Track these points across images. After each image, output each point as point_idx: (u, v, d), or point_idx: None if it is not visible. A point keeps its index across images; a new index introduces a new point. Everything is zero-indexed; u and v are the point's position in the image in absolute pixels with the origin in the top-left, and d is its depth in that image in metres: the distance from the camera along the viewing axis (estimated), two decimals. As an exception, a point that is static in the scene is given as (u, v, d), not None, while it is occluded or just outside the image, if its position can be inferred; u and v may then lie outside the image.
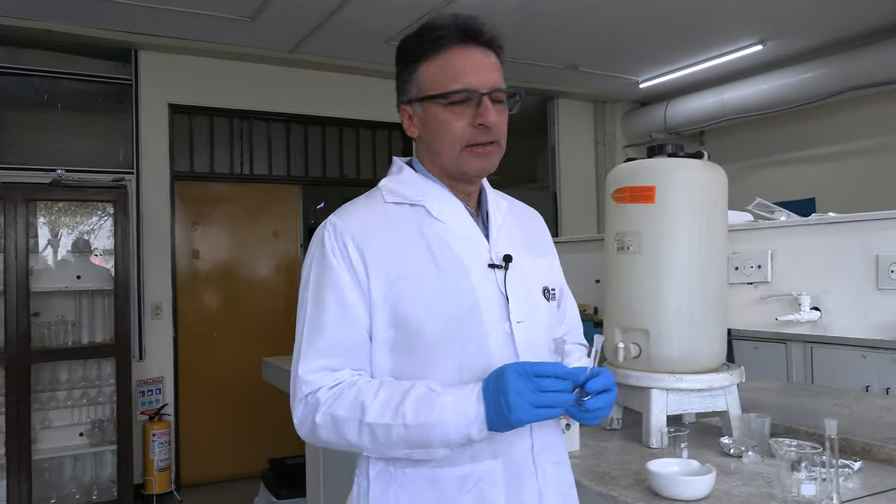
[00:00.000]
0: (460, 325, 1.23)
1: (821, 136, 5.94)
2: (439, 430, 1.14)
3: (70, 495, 4.54)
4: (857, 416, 2.26)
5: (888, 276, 1.67)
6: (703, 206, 1.89)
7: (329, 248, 1.25)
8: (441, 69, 1.25)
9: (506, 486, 1.23)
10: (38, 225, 4.51)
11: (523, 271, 1.32)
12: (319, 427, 1.20)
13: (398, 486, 1.23)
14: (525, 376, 1.11)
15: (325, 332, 1.23)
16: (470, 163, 1.27)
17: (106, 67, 5.21)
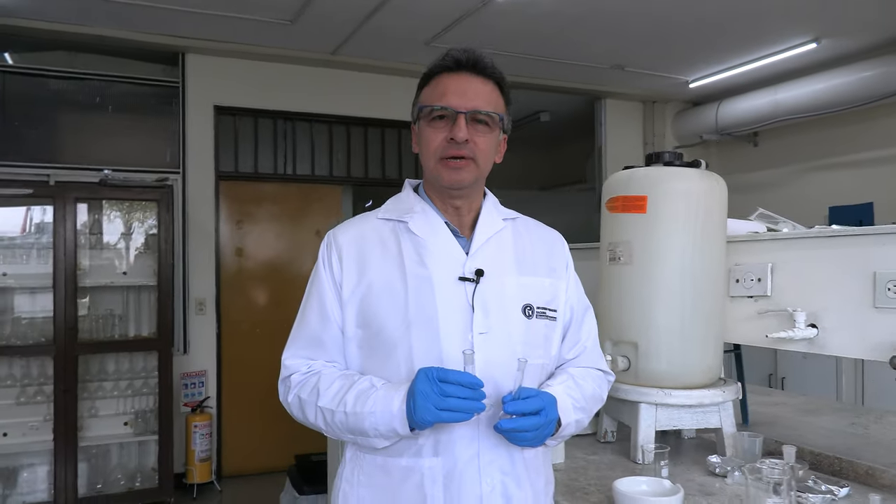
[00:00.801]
0: (417, 332, 1.34)
1: (879, 137, 5.66)
2: (370, 421, 1.29)
3: (115, 481, 4.73)
4: (871, 437, 2.16)
5: (885, 294, 1.58)
6: (697, 216, 1.83)
7: (321, 255, 1.45)
8: (431, 90, 1.41)
9: (445, 484, 1.32)
10: (88, 222, 4.71)
11: (501, 287, 1.40)
12: (291, 405, 1.40)
13: (360, 470, 1.40)
14: (431, 381, 1.23)
15: (306, 327, 1.43)
16: (442, 174, 1.39)
17: (155, 70, 5.40)
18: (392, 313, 1.35)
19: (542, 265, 1.48)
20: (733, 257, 1.97)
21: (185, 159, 5.32)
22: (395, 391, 1.29)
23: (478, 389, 1.23)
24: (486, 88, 1.40)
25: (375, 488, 1.37)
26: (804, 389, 4.86)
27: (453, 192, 1.42)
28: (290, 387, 1.40)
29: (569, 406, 1.38)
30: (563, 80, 6.33)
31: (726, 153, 7.09)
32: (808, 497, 1.54)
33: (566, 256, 1.55)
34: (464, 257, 1.39)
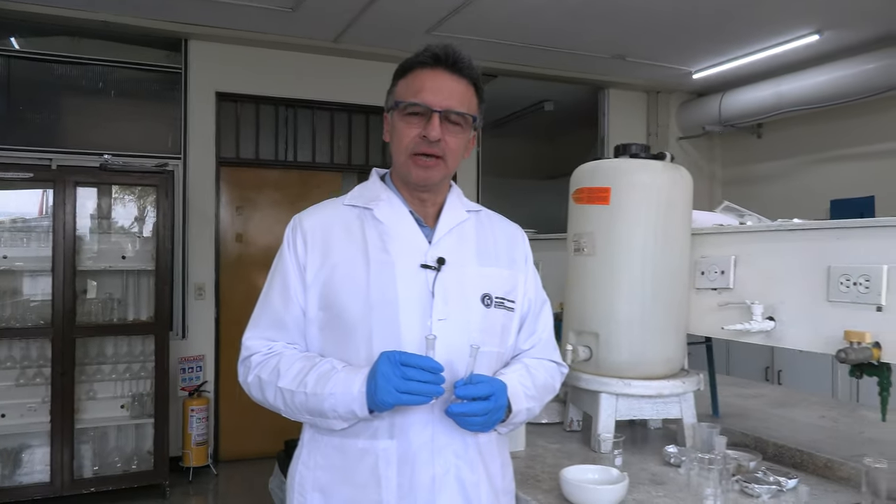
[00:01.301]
0: (377, 316, 1.37)
1: (882, 130, 5.60)
2: (330, 402, 1.31)
3: (112, 464, 4.81)
4: (838, 430, 2.17)
5: (838, 287, 1.59)
6: (659, 208, 1.84)
7: (286, 239, 1.47)
8: (408, 84, 1.43)
9: (399, 466, 1.36)
10: (88, 207, 4.77)
11: (462, 275, 1.43)
12: (250, 386, 1.42)
13: (317, 451, 1.42)
14: (393, 363, 1.26)
15: (268, 310, 1.45)
16: (414, 171, 1.42)
17: (158, 56, 5.45)
18: (353, 297, 1.38)
19: (502, 257, 1.52)
20: (699, 250, 1.97)
21: (187, 145, 5.37)
22: (355, 373, 1.31)
23: (438, 374, 1.27)
24: (462, 88, 1.42)
25: (331, 470, 1.40)
26: (800, 384, 4.85)
27: (420, 187, 1.45)
28: (250, 367, 1.42)
29: (520, 394, 1.41)
30: (565, 70, 6.31)
31: (730, 145, 7.04)
32: (753, 487, 1.56)
33: (526, 250, 1.59)
34: (426, 246, 1.43)
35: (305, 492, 1.42)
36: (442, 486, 1.36)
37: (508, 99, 7.16)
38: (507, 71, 6.26)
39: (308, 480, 1.42)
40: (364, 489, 1.36)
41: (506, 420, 1.39)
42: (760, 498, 1.55)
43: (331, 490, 1.39)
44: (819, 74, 5.54)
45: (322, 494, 1.40)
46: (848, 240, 1.60)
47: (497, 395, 1.33)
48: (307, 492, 1.42)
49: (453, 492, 1.37)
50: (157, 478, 4.73)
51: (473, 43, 5.54)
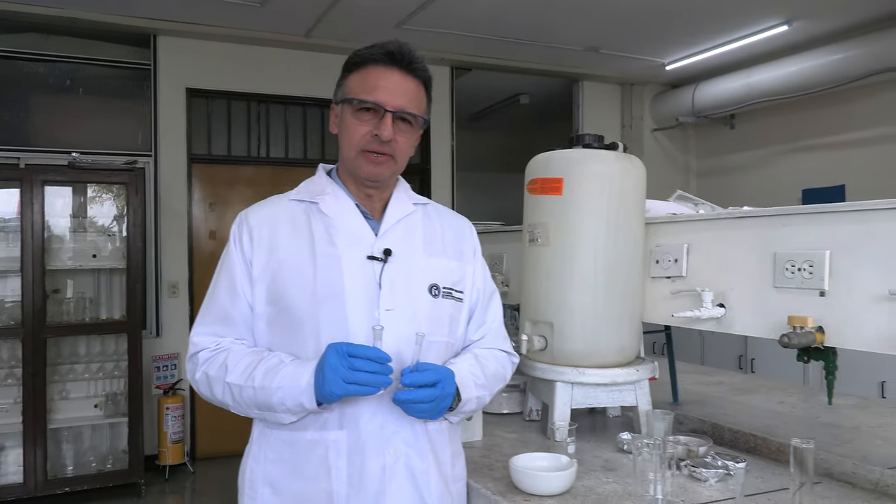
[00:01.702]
0: (324, 308, 1.37)
1: (852, 120, 5.66)
2: (278, 395, 1.32)
3: (87, 463, 4.78)
4: (796, 415, 2.20)
5: (783, 273, 1.61)
6: (611, 198, 1.85)
7: (232, 235, 1.47)
8: (361, 80, 1.42)
9: (349, 456, 1.36)
10: (57, 205, 4.72)
11: (409, 267, 1.45)
12: (199, 383, 1.42)
13: (267, 445, 1.43)
14: (340, 355, 1.27)
15: (215, 305, 1.45)
16: (362, 166, 1.43)
17: (126, 53, 5.39)
18: (300, 290, 1.38)
19: (450, 248, 1.53)
20: (654, 238, 1.99)
21: (157, 142, 5.33)
22: (303, 367, 1.32)
23: (385, 364, 1.28)
24: (414, 88, 1.43)
25: (281, 463, 1.40)
26: (773, 372, 4.90)
27: (368, 183, 1.46)
28: (198, 364, 1.42)
29: (469, 382, 1.42)
30: (539, 63, 6.32)
31: (703, 136, 7.09)
32: (702, 472, 1.58)
33: (474, 243, 1.60)
34: (373, 238, 1.44)
35: (256, 486, 1.42)
36: (392, 475, 1.37)
37: (483, 92, 7.16)
38: (481, 64, 6.26)
39: (258, 475, 1.42)
40: (314, 481, 1.36)
41: (455, 408, 1.41)
42: (708, 482, 1.57)
43: (281, 484, 1.39)
44: (789, 65, 5.59)
45: (272, 489, 1.40)
46: (793, 226, 1.62)
47: (444, 383, 1.34)
48: (257, 486, 1.42)
49: (403, 480, 1.39)
50: (132, 477, 4.71)
51: (445, 36, 5.54)
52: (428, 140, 6.27)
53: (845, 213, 1.51)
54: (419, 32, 5.41)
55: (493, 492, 1.52)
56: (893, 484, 1.58)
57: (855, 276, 1.47)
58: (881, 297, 1.41)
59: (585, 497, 1.49)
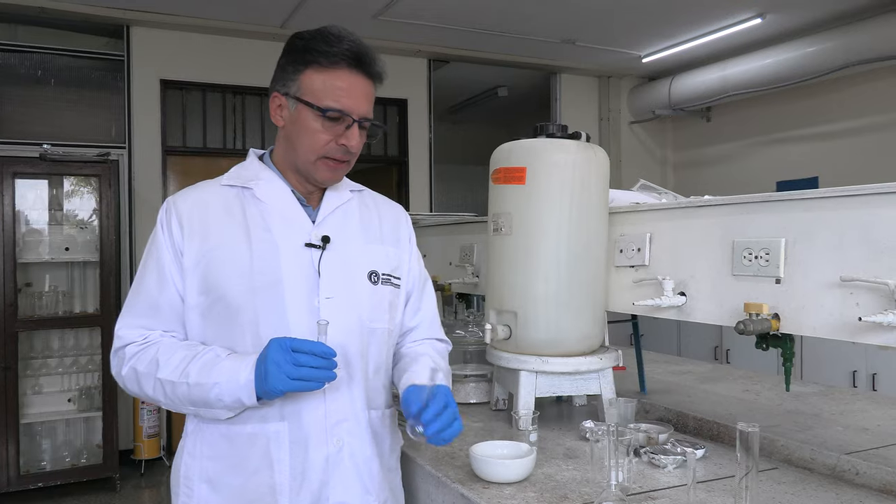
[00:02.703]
0: (262, 297, 1.34)
1: (825, 112, 5.72)
2: (215, 392, 1.28)
3: (61, 458, 4.75)
4: (759, 402, 2.22)
5: (741, 261, 1.62)
6: (573, 187, 1.86)
7: (160, 221, 1.42)
8: (324, 82, 1.36)
9: (291, 448, 1.34)
10: (28, 198, 4.67)
11: (347, 254, 1.43)
12: (125, 378, 1.37)
13: (202, 440, 1.39)
14: (284, 350, 1.23)
15: (143, 294, 1.39)
16: (322, 172, 1.41)
17: (99, 44, 5.33)
18: (236, 279, 1.34)
19: (387, 235, 1.53)
20: (618, 228, 1.99)
21: (131, 134, 5.28)
22: (241, 361, 1.28)
23: (330, 359, 1.25)
24: (373, 92, 1.42)
25: (219, 459, 1.36)
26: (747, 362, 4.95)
27: (320, 186, 1.45)
28: (125, 359, 1.36)
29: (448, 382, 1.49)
30: (517, 55, 6.32)
31: (680, 128, 7.13)
32: (661, 458, 1.59)
33: (410, 230, 1.61)
34: (310, 225, 1.42)
35: (192, 483, 1.38)
36: (335, 465, 1.36)
37: (461, 85, 7.15)
38: (458, 56, 6.25)
39: (194, 471, 1.38)
40: (256, 475, 1.34)
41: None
42: (666, 468, 1.58)
43: (220, 479, 1.36)
44: (763, 58, 5.63)
45: (210, 485, 1.36)
46: (750, 214, 1.63)
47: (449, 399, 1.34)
48: (194, 483, 1.37)
49: (347, 470, 1.38)
50: (107, 471, 4.68)
51: (422, 28, 5.53)
52: (406, 132, 6.26)
53: (799, 201, 1.52)
54: (396, 24, 5.39)
55: (452, 479, 1.53)
56: (849, 469, 1.60)
57: (809, 263, 1.49)
58: (833, 283, 1.42)
59: (544, 484, 1.50)
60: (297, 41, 1.40)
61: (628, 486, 1.45)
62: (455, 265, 2.81)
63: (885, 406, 2.17)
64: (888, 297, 1.32)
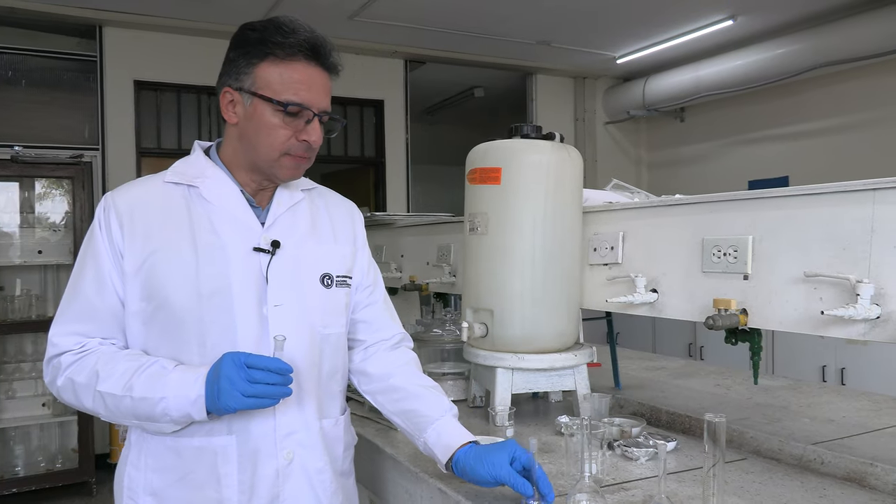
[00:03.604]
0: (207, 303, 1.29)
1: (795, 113, 5.83)
2: (161, 406, 1.22)
3: (35, 463, 4.69)
4: (730, 396, 2.27)
5: (711, 259, 1.66)
6: (548, 187, 1.89)
7: (97, 221, 1.34)
8: (281, 76, 1.30)
9: (240, 462, 1.30)
10: (1, 201, 4.61)
11: (298, 258, 1.38)
12: (61, 389, 1.29)
13: (147, 452, 1.33)
14: (238, 366, 1.18)
15: (79, 299, 1.31)
16: (284, 170, 1.35)
17: (71, 44, 5.29)
18: (181, 284, 1.28)
19: (340, 234, 1.49)
20: (592, 227, 2.03)
21: (105, 135, 5.24)
22: (190, 375, 1.23)
23: (287, 375, 1.21)
24: (330, 85, 1.37)
25: (164, 471, 1.31)
26: (720, 358, 5.03)
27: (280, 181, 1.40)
28: (61, 368, 1.29)
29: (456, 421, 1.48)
30: (493, 56, 6.37)
31: (655, 128, 7.23)
32: (633, 451, 1.63)
33: (362, 229, 1.58)
34: (259, 227, 1.36)
35: (137, 496, 1.32)
36: (286, 478, 1.33)
37: (438, 86, 7.19)
38: (435, 57, 6.28)
39: (139, 483, 1.32)
40: (202, 490, 1.29)
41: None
42: (639, 460, 1.62)
43: (165, 493, 1.30)
44: (735, 59, 5.73)
45: (155, 498, 1.31)
46: (719, 213, 1.67)
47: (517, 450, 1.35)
48: (138, 496, 1.32)
49: (298, 481, 1.35)
50: (82, 476, 4.64)
51: (399, 29, 5.54)
52: (383, 133, 6.27)
53: (766, 199, 1.57)
54: (372, 25, 5.41)
55: (430, 475, 1.55)
56: (815, 458, 1.65)
57: (775, 259, 1.53)
58: (798, 279, 1.47)
59: (520, 478, 1.53)
60: (248, 33, 1.33)
61: (602, 478, 1.48)
62: (433, 265, 2.83)
63: (850, 399, 2.23)
64: (850, 291, 1.37)
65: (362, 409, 2.06)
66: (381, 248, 3.30)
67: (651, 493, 1.41)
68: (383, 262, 3.21)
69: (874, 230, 1.37)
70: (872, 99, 5.33)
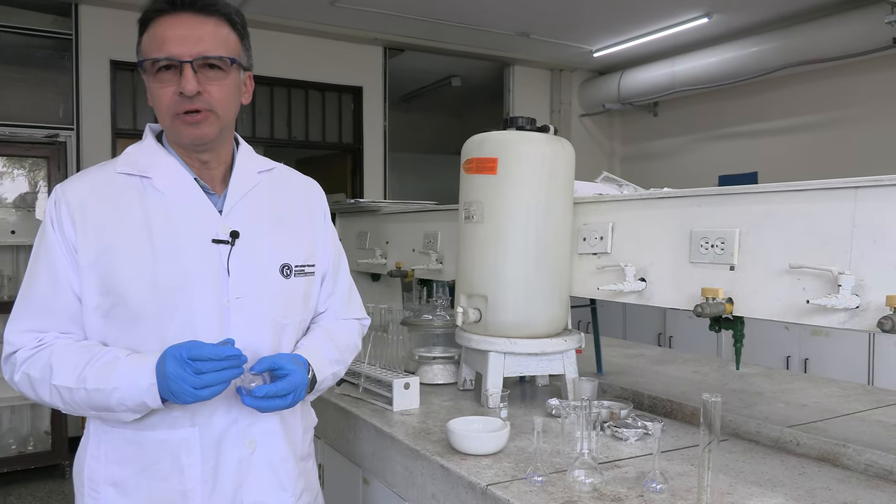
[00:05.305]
0: (166, 299, 1.26)
1: (766, 110, 5.99)
2: (116, 396, 1.21)
3: (6, 446, 4.64)
4: (707, 382, 2.37)
5: (698, 250, 1.74)
6: (543, 178, 1.96)
7: (48, 215, 1.30)
8: (150, 38, 1.27)
9: (202, 453, 1.29)
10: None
11: (258, 247, 1.35)
12: (19, 384, 1.27)
13: (107, 443, 1.31)
14: (182, 362, 1.16)
15: (33, 296, 1.29)
16: (181, 131, 1.28)
17: (46, 21, 5.18)
18: (137, 280, 1.25)
19: (300, 219, 1.45)
20: (581, 217, 2.10)
21: (80, 115, 5.15)
22: (140, 364, 1.21)
23: (234, 357, 1.19)
24: (213, 28, 1.27)
25: (125, 463, 1.30)
26: (689, 347, 5.18)
27: (198, 148, 1.32)
28: (17, 364, 1.26)
29: (324, 363, 1.39)
30: (471, 46, 6.40)
31: (629, 122, 7.35)
32: (623, 431, 1.71)
33: (324, 206, 1.53)
34: (217, 216, 1.32)
35: (98, 486, 1.31)
36: (248, 467, 1.33)
37: (415, 74, 7.20)
38: (413, 45, 6.29)
39: (99, 474, 1.31)
40: (165, 481, 1.28)
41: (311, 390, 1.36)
42: (628, 440, 1.70)
43: (127, 484, 1.29)
44: (709, 56, 5.86)
45: (117, 489, 1.30)
46: (707, 206, 1.75)
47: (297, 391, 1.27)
48: (99, 486, 1.31)
49: (261, 469, 1.34)
50: (55, 458, 4.61)
51: (378, 16, 5.55)
52: (360, 120, 6.28)
53: (753, 194, 1.65)
54: (352, 11, 5.40)
55: (431, 453, 1.61)
56: (791, 440, 1.75)
57: (760, 251, 1.62)
58: (782, 270, 1.55)
59: (518, 455, 1.60)
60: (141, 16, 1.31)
61: (596, 456, 1.55)
62: (419, 252, 2.88)
63: (820, 385, 2.35)
64: (831, 282, 1.45)
65: (356, 390, 2.12)
66: (364, 235, 3.34)
67: (643, 471, 1.49)
68: (367, 248, 3.24)
69: (855, 225, 1.46)
70: (838, 99, 5.50)
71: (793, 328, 4.69)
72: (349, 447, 2.05)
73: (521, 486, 1.42)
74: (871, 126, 5.30)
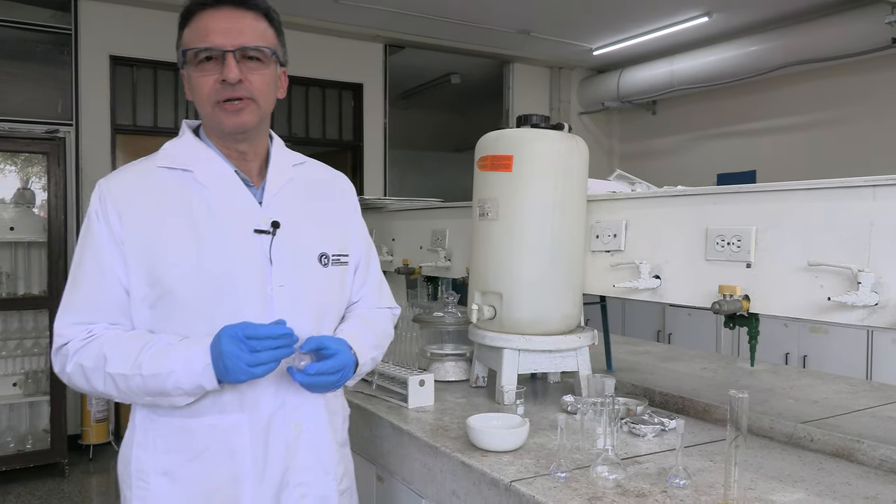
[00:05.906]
0: (213, 289, 1.30)
1: (764, 109, 6.02)
2: (172, 379, 1.24)
3: (5, 444, 4.62)
4: (717, 379, 2.38)
5: (714, 247, 1.75)
6: (557, 176, 1.96)
7: (93, 210, 1.33)
8: (193, 31, 1.32)
9: (252, 437, 1.32)
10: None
11: (297, 237, 1.39)
12: (71, 375, 1.29)
13: (155, 433, 1.33)
14: (238, 340, 1.20)
15: (81, 289, 1.32)
16: (222, 119, 1.32)
17: (45, 16, 5.15)
18: (185, 271, 1.28)
19: (334, 211, 1.50)
20: (594, 215, 2.11)
21: (79, 111, 5.13)
22: (196, 346, 1.25)
23: (286, 336, 1.24)
24: (252, 21, 1.32)
25: (176, 452, 1.32)
26: (688, 343, 5.21)
27: (237, 137, 1.36)
28: (69, 356, 1.29)
29: (364, 347, 1.44)
30: (471, 43, 6.41)
31: (627, 120, 7.36)
32: (640, 428, 1.72)
33: (354, 199, 1.58)
34: (257, 208, 1.36)
35: (148, 476, 1.32)
36: (295, 450, 1.36)
37: (415, 71, 7.20)
38: (414, 42, 6.30)
39: (148, 464, 1.32)
40: (217, 466, 1.31)
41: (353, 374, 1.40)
42: (646, 437, 1.71)
43: (178, 472, 1.31)
44: (708, 55, 5.88)
45: (168, 477, 1.32)
46: (723, 205, 1.76)
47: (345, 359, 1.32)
48: (150, 476, 1.32)
49: (306, 452, 1.38)
50: (54, 457, 4.59)
51: (380, 13, 5.54)
52: (361, 117, 6.28)
53: (769, 192, 1.66)
54: (354, 8, 5.40)
55: (451, 450, 1.61)
56: (805, 436, 1.76)
57: (777, 249, 1.63)
58: (800, 267, 1.56)
59: (538, 451, 1.61)
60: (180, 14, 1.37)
61: (618, 452, 1.56)
62: (426, 249, 2.89)
63: (828, 382, 2.36)
64: (850, 280, 1.47)
65: (369, 387, 2.12)
66: (370, 232, 3.33)
67: (664, 466, 1.50)
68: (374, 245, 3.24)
69: (874, 223, 1.47)
70: (837, 98, 5.53)
71: (792, 325, 4.72)
72: (363, 444, 2.05)
73: (544, 483, 1.43)
74: (870, 125, 5.33)
